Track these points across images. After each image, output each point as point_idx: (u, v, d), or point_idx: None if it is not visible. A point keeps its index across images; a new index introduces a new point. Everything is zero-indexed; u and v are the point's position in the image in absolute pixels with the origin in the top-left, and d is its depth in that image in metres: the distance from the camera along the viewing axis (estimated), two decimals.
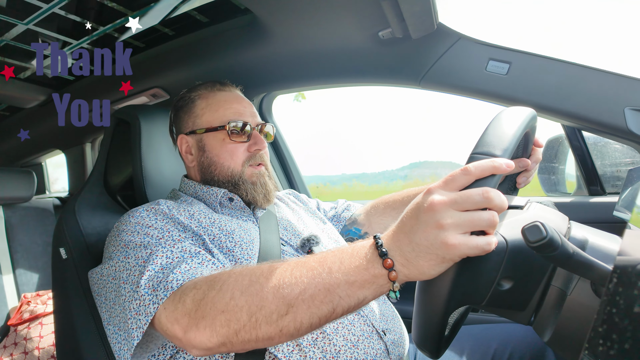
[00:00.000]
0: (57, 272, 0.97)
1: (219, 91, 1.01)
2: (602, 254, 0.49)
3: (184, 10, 1.18)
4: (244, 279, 0.59)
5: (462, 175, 0.49)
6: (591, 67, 1.00)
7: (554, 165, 1.37)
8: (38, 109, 1.77)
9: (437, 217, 0.47)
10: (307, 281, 0.54)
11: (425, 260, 0.48)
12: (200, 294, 0.61)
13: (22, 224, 1.87)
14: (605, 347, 0.32)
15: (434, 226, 0.47)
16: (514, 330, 0.97)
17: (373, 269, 0.51)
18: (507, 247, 0.51)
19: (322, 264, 0.54)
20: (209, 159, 0.96)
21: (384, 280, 0.51)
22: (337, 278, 0.52)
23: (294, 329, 0.54)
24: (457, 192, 0.48)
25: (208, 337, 0.58)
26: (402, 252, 0.50)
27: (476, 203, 0.47)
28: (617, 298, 0.32)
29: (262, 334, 0.55)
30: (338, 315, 0.53)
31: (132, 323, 0.66)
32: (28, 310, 1.57)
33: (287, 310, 0.54)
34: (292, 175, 1.80)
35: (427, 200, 0.49)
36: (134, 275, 0.69)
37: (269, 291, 0.55)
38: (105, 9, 1.15)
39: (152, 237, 0.75)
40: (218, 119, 0.96)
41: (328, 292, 0.52)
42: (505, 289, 0.52)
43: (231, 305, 0.57)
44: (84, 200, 1.05)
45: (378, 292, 0.52)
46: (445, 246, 0.46)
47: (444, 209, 0.47)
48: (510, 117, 0.56)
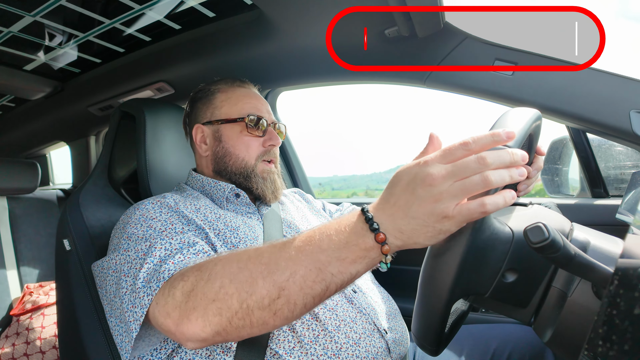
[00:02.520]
0: (61, 264, 0.98)
1: (238, 87, 1.04)
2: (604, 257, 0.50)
3: (191, 5, 1.18)
4: (231, 265, 0.58)
5: (460, 149, 0.48)
6: (597, 69, 1.00)
7: (558, 167, 1.37)
8: (43, 100, 1.77)
9: (435, 192, 0.46)
10: (296, 262, 0.53)
11: (422, 232, 0.48)
12: (188, 285, 0.60)
13: (25, 215, 1.88)
14: (605, 348, 0.32)
15: (432, 200, 0.46)
16: (514, 330, 0.98)
17: (364, 244, 0.50)
18: (513, 238, 0.51)
19: (310, 242, 0.53)
20: (225, 149, 0.98)
21: (376, 254, 0.51)
22: (328, 256, 0.51)
23: (289, 311, 0.54)
24: (454, 163, 0.47)
25: (201, 327, 0.57)
26: (396, 225, 0.49)
27: (474, 170, 0.46)
28: (618, 300, 0.32)
29: (256, 320, 0.55)
30: (332, 292, 0.53)
31: (129, 316, 0.66)
32: (30, 301, 1.58)
33: (279, 294, 0.53)
34: (296, 174, 1.80)
35: (425, 173, 0.47)
36: (134, 269, 0.70)
37: (258, 276, 0.55)
38: (112, 2, 1.15)
39: (155, 229, 0.76)
40: (237, 112, 0.98)
41: (319, 272, 0.52)
42: (510, 281, 0.52)
43: (221, 293, 0.56)
44: (88, 192, 1.05)
45: (370, 265, 0.52)
46: (443, 218, 0.46)
47: (443, 183, 0.46)
48: (516, 115, 0.56)
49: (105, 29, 1.29)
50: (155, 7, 1.18)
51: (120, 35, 1.34)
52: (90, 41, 1.36)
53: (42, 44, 1.35)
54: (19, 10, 1.14)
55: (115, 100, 1.67)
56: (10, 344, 1.49)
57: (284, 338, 0.73)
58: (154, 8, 1.18)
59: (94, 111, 1.77)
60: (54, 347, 1.50)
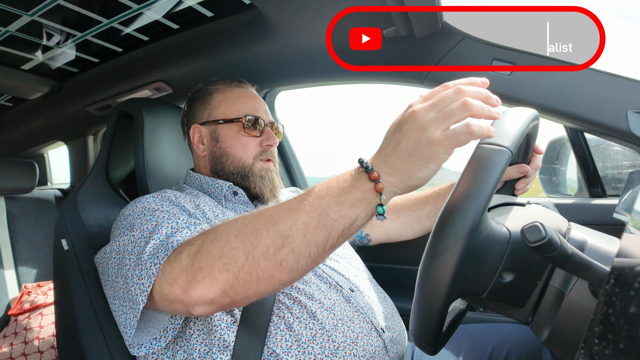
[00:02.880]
0: (59, 263, 0.98)
1: (236, 87, 1.04)
2: (601, 256, 0.50)
3: (189, 4, 1.18)
4: (236, 223, 0.60)
5: (440, 89, 0.53)
6: (595, 69, 1.00)
7: (556, 167, 1.37)
8: (41, 100, 1.77)
9: (419, 122, 0.50)
10: (297, 211, 0.55)
11: (412, 162, 0.51)
12: (194, 247, 0.61)
13: (23, 215, 1.87)
14: (601, 347, 0.32)
15: (417, 130, 0.50)
16: (512, 329, 0.98)
17: (360, 185, 0.53)
18: (510, 238, 0.52)
19: (309, 193, 0.56)
20: (222, 149, 0.98)
21: (372, 195, 0.53)
22: (327, 201, 0.53)
23: (294, 261, 0.54)
24: (435, 97, 0.52)
25: (208, 286, 0.58)
26: (388, 162, 0.52)
27: (452, 99, 0.50)
28: (614, 299, 0.33)
29: (262, 272, 0.55)
30: (334, 240, 0.54)
31: (136, 289, 0.66)
32: (28, 301, 1.58)
33: (283, 242, 0.54)
34: (294, 173, 1.80)
35: (409, 112, 0.52)
36: (139, 247, 0.70)
37: (262, 227, 0.56)
38: (110, 1, 1.15)
39: (158, 217, 0.76)
40: (234, 112, 0.98)
41: (321, 217, 0.53)
42: (507, 281, 0.52)
43: (227, 248, 0.57)
44: (86, 192, 1.05)
45: (369, 209, 0.54)
46: (430, 144, 0.50)
47: (424, 114, 0.50)
48: (514, 115, 0.56)
49: (104, 29, 1.28)
50: (154, 7, 1.18)
51: (119, 35, 1.34)
52: (88, 41, 1.35)
53: (40, 43, 1.35)
54: (16, 9, 1.13)
55: (114, 99, 1.66)
56: (8, 344, 1.48)
57: (281, 337, 0.74)
58: (152, 8, 1.18)
59: (92, 111, 1.77)
60: (52, 347, 1.50)
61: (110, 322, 0.89)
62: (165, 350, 0.77)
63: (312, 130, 36.73)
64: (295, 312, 0.76)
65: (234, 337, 0.74)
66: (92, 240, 0.97)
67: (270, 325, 0.75)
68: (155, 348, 0.72)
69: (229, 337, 0.73)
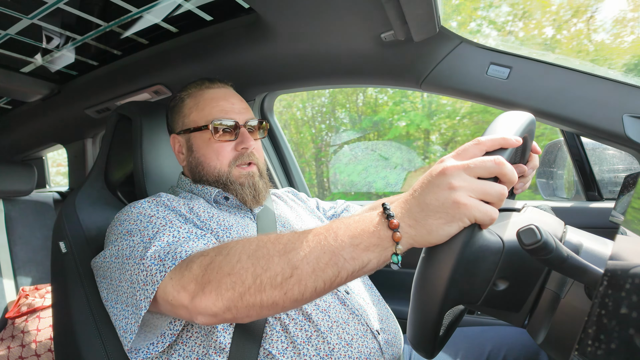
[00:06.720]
0: (57, 266, 0.98)
1: (207, 89, 0.99)
2: (596, 259, 0.50)
3: (188, 8, 1.18)
4: (251, 244, 0.60)
5: (473, 146, 0.51)
6: (591, 73, 1.01)
7: (553, 170, 1.37)
8: (40, 103, 1.77)
9: (449, 180, 0.48)
10: (312, 244, 0.54)
11: (435, 219, 0.49)
12: (207, 259, 0.61)
13: (21, 218, 1.87)
14: (594, 348, 0.32)
15: (446, 187, 0.48)
16: (508, 332, 0.98)
17: (378, 231, 0.52)
18: (504, 247, 0.52)
19: (328, 229, 0.55)
20: (197, 159, 0.95)
21: (388, 242, 0.52)
22: (343, 241, 0.53)
23: (299, 293, 0.54)
24: (470, 159, 0.49)
25: (213, 300, 0.58)
26: (411, 213, 0.51)
27: (488, 169, 0.48)
28: (607, 300, 0.33)
29: (267, 298, 0.55)
30: (342, 279, 0.54)
31: (140, 294, 0.66)
32: (26, 304, 1.57)
33: (292, 273, 0.54)
34: (291, 173, 1.80)
35: (439, 166, 0.50)
36: (137, 251, 0.70)
37: (275, 254, 0.56)
38: (109, 5, 1.15)
39: (155, 224, 0.76)
40: (203, 118, 0.94)
41: (333, 255, 0.53)
42: (501, 289, 0.53)
43: (237, 267, 0.57)
44: (85, 194, 1.05)
45: (382, 256, 0.53)
46: (456, 205, 0.47)
47: (457, 173, 0.48)
48: (510, 119, 0.57)
49: (103, 32, 1.29)
50: (153, 11, 1.19)
51: (118, 38, 1.34)
52: (87, 44, 1.36)
53: (40, 46, 1.36)
54: (16, 12, 1.14)
55: (112, 102, 1.66)
56: (6, 347, 1.48)
57: (277, 338, 0.74)
58: (151, 11, 1.19)
59: (91, 114, 1.77)
60: (50, 350, 1.49)
61: (108, 326, 0.89)
62: (161, 353, 0.77)
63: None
64: (291, 314, 0.77)
65: (230, 339, 0.74)
66: (90, 243, 0.97)
67: (266, 327, 0.75)
68: (153, 353, 0.72)
69: (225, 339, 0.74)
